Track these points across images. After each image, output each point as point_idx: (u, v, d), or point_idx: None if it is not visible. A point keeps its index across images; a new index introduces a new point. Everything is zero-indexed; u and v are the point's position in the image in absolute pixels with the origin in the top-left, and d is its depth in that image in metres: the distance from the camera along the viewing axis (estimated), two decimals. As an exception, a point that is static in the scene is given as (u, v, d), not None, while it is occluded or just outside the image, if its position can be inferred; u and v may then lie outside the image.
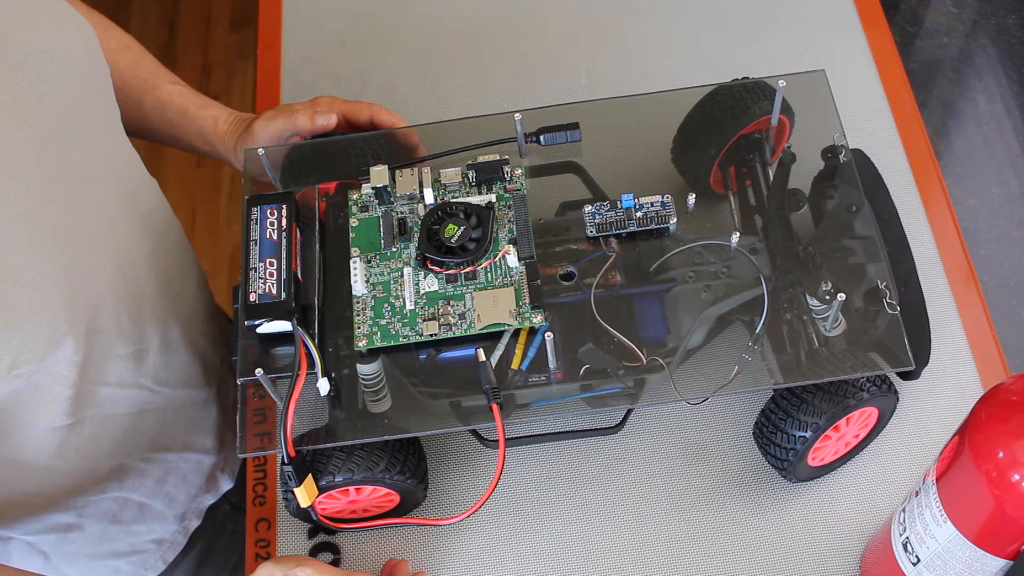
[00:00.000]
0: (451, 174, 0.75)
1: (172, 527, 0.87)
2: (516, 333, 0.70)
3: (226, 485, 0.91)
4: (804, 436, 0.70)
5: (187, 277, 0.83)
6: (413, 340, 0.70)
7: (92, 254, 0.68)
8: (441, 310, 0.70)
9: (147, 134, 0.86)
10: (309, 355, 0.68)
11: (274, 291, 0.69)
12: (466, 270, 0.71)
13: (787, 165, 0.76)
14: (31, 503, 0.74)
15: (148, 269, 0.75)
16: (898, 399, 0.74)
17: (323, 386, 0.68)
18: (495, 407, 0.67)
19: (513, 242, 0.72)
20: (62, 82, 0.66)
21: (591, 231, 0.74)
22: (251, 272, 0.70)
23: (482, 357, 0.68)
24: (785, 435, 0.71)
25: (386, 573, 0.75)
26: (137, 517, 0.83)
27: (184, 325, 0.81)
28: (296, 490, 0.68)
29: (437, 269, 0.71)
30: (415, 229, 0.74)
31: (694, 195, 0.74)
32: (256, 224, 0.72)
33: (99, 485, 0.78)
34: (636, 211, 0.74)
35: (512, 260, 0.71)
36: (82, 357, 0.67)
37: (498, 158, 0.75)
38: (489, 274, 0.71)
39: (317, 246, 0.74)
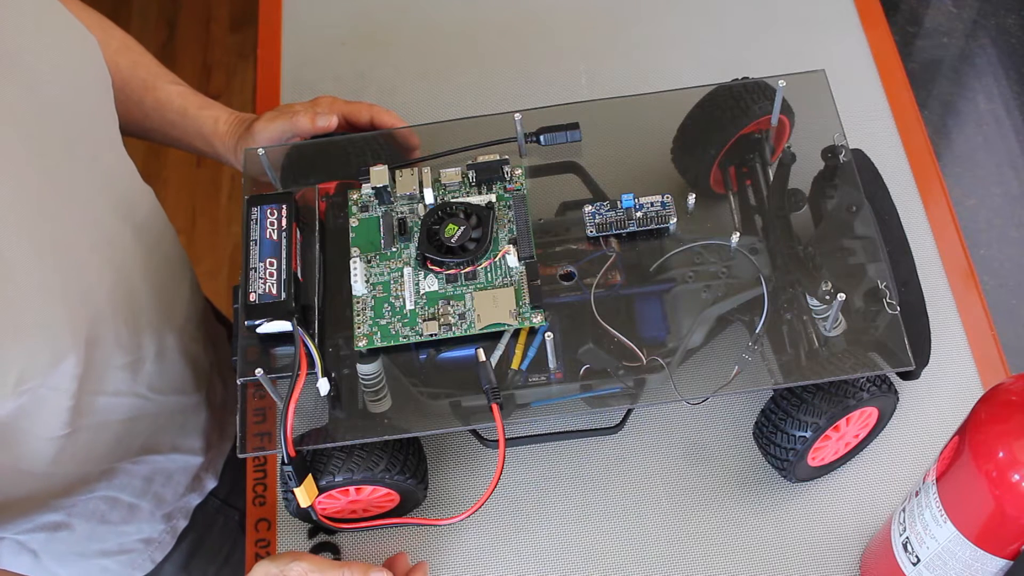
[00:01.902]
0: (451, 174, 0.75)
1: (159, 527, 0.88)
2: (516, 333, 0.70)
3: (211, 484, 0.92)
4: (804, 436, 0.70)
5: (180, 282, 0.83)
6: (413, 340, 0.70)
7: (91, 268, 0.68)
8: (441, 310, 0.70)
9: (147, 135, 0.86)
10: (309, 355, 0.68)
11: (274, 291, 0.69)
12: (466, 270, 0.71)
13: (787, 165, 0.76)
14: (23, 506, 0.75)
15: (144, 280, 0.76)
16: (898, 399, 0.74)
17: (323, 386, 0.68)
18: (495, 407, 0.67)
19: (513, 242, 0.72)
20: (65, 97, 0.66)
21: (591, 231, 0.74)
22: (251, 272, 0.70)
23: (482, 357, 0.68)
24: (785, 435, 0.71)
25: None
26: (125, 517, 0.84)
27: (178, 331, 0.81)
28: (296, 490, 0.68)
29: (437, 269, 0.71)
30: (415, 229, 0.74)
31: (694, 195, 0.74)
32: (256, 224, 0.72)
33: (88, 485, 0.78)
34: (636, 211, 0.74)
35: (512, 260, 0.71)
36: (82, 370, 0.67)
37: (498, 158, 0.75)
38: (489, 274, 0.71)
39: (317, 246, 0.74)
